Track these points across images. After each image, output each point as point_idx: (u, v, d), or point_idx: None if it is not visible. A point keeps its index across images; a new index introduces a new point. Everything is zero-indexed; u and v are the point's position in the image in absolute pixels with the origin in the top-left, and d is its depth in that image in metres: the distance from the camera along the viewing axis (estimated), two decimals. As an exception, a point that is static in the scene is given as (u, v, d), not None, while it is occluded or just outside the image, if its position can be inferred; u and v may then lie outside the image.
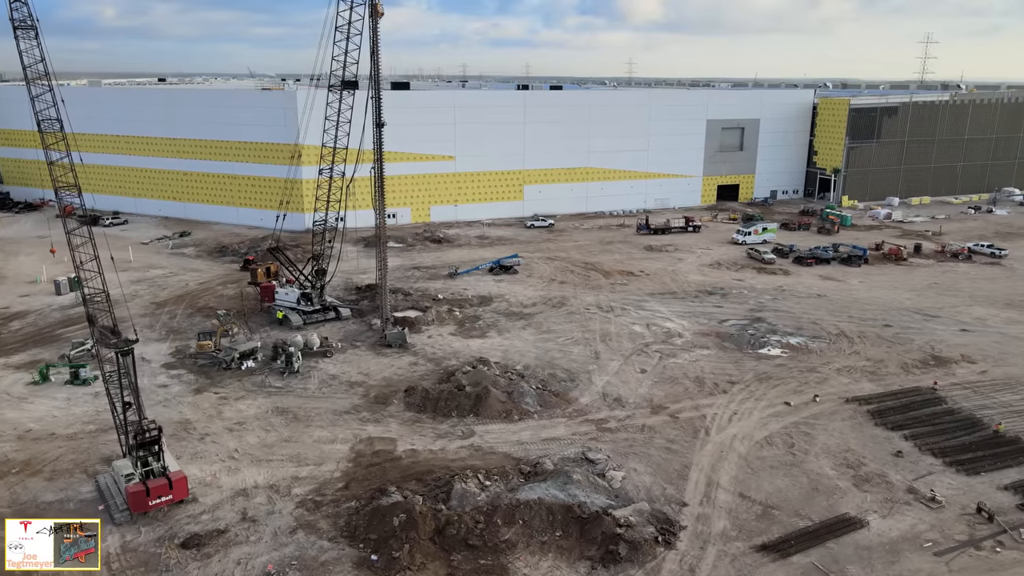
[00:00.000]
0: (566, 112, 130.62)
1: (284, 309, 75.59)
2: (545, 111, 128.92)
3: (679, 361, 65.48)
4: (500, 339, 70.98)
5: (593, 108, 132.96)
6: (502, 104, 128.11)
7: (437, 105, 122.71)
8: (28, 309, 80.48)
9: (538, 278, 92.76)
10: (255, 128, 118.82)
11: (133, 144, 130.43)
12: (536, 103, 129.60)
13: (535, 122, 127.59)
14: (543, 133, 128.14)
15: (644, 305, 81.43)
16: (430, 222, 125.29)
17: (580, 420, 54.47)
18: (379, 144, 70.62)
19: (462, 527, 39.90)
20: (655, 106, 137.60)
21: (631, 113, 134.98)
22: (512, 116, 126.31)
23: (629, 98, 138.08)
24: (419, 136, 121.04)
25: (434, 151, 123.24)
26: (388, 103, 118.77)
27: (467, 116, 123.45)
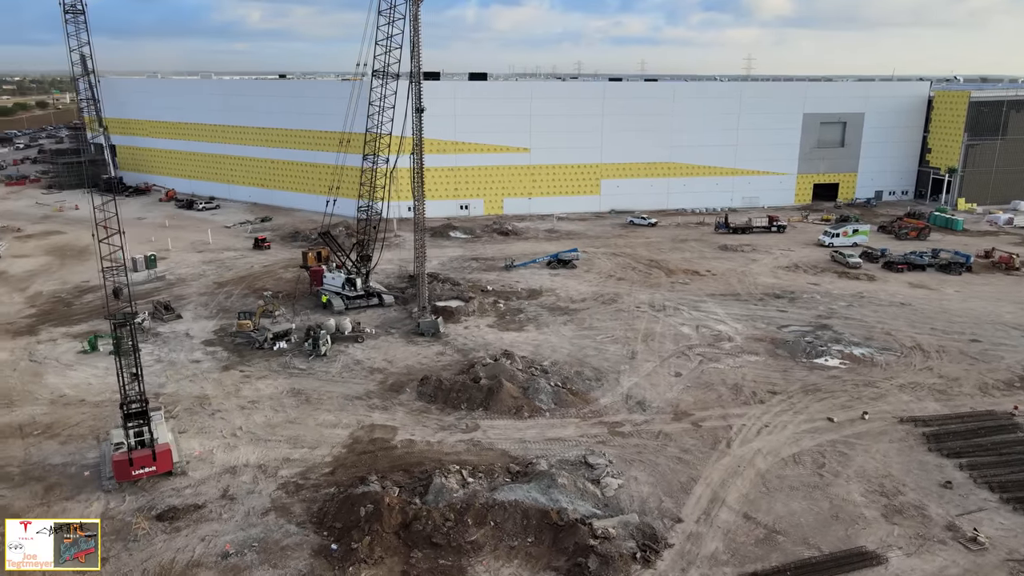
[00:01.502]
0: (648, 104, 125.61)
1: (329, 293, 76.29)
2: (625, 103, 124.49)
3: (720, 366, 60.73)
4: (536, 333, 68.51)
5: (677, 100, 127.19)
6: (580, 96, 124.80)
7: (513, 96, 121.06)
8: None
9: (596, 273, 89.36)
10: (333, 117, 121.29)
11: (228, 133, 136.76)
12: (616, 95, 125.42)
13: (614, 114, 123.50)
14: (623, 126, 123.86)
15: (700, 306, 76.51)
16: (503, 214, 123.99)
17: (593, 422, 51.30)
18: (419, 130, 69.40)
19: (429, 523, 38.05)
20: (746, 99, 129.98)
21: (719, 106, 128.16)
22: (590, 108, 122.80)
23: (717, 90, 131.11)
24: (494, 127, 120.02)
25: (509, 143, 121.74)
26: (464, 94, 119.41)
27: (544, 108, 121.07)
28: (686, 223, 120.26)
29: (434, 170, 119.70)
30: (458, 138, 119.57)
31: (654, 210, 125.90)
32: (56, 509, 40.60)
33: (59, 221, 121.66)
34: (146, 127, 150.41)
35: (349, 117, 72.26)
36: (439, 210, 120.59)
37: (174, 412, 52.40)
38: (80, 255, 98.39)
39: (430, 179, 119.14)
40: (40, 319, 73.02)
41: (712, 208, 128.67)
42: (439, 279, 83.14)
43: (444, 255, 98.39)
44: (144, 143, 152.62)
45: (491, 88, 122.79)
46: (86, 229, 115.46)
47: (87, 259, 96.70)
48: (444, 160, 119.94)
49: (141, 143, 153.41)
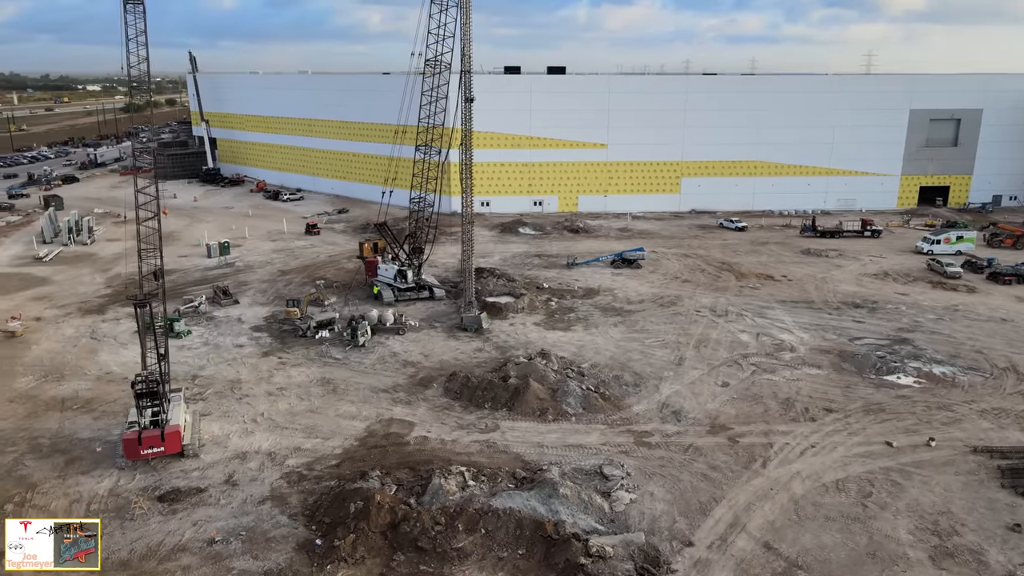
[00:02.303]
0: (734, 99, 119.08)
1: (381, 285, 76.07)
2: (710, 98, 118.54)
3: (775, 378, 55.86)
4: (583, 334, 65.56)
5: (766, 95, 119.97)
6: (661, 90, 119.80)
7: (591, 91, 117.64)
8: (178, 268, 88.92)
9: (661, 274, 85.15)
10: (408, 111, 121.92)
11: (314, 127, 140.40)
12: (700, 89, 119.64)
13: (698, 110, 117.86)
14: (706, 121, 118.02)
15: (766, 312, 71.16)
16: (577, 211, 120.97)
17: (621, 429, 48.05)
18: (468, 120, 67.73)
19: (417, 526, 36.27)
20: (844, 93, 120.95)
21: (813, 101, 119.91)
22: (672, 103, 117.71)
23: (812, 84, 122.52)
24: (570, 122, 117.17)
25: (585, 138, 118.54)
26: (541, 88, 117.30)
27: (622, 102, 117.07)
28: (771, 225, 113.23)
29: (508, 165, 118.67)
30: (533, 133, 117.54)
31: (739, 211, 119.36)
32: (70, 482, 41.60)
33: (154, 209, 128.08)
34: (242, 121, 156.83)
35: (403, 109, 71.39)
36: (512, 206, 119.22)
37: (204, 395, 53.12)
38: (164, 241, 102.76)
39: (504, 174, 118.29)
40: (111, 299, 76.53)
41: (802, 210, 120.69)
42: (495, 274, 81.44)
43: (508, 251, 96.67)
44: (240, 136, 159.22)
45: (568, 82, 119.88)
46: (176, 216, 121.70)
47: (170, 244, 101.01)
48: (518, 155, 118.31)
49: (238, 136, 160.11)
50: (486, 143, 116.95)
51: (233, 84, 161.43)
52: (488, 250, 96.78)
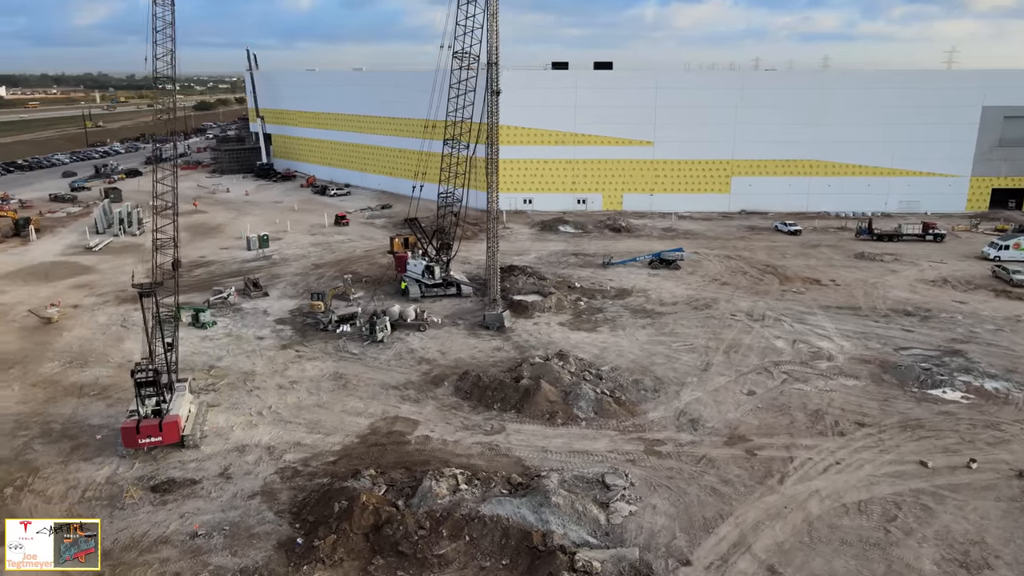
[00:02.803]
0: (789, 96, 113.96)
1: (409, 281, 75.30)
2: (763, 94, 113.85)
3: (806, 388, 52.44)
4: (608, 335, 63.22)
5: (824, 92, 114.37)
6: (711, 86, 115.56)
7: (638, 86, 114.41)
8: (217, 259, 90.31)
9: (700, 276, 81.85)
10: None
11: (362, 123, 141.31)
12: (753, 85, 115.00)
13: (750, 107, 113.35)
14: (759, 119, 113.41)
15: (806, 318, 67.30)
16: (622, 210, 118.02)
17: (632, 436, 45.72)
18: (495, 114, 66.15)
19: (400, 529, 34.93)
20: (910, 90, 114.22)
21: (875, 98, 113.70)
22: (723, 99, 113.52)
23: (873, 80, 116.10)
24: (616, 119, 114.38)
25: (631, 135, 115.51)
26: (585, 83, 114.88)
27: (670, 98, 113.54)
28: (825, 227, 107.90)
29: (551, 162, 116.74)
30: (577, 130, 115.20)
31: (792, 212, 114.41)
32: (71, 468, 41.91)
33: (208, 202, 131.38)
34: (296, 117, 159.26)
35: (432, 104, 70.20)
36: (554, 203, 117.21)
37: (217, 386, 53.14)
38: (209, 233, 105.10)
39: (547, 171, 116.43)
40: (148, 289, 77.80)
41: (860, 212, 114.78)
42: (525, 272, 79.70)
43: (545, 249, 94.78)
44: (294, 132, 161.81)
45: (615, 77, 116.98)
46: (225, 209, 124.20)
47: (214, 236, 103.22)
48: (562, 152, 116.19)
49: (291, 132, 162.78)
50: (529, 140, 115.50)
51: (288, 81, 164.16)
52: (524, 248, 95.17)
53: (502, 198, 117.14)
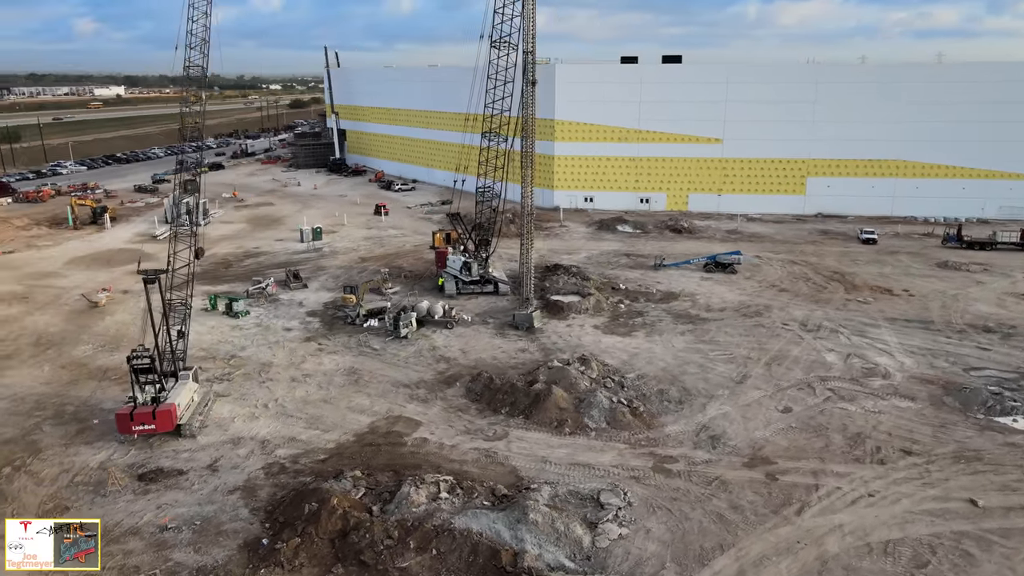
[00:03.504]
0: (876, 90, 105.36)
1: (447, 276, 73.63)
2: (843, 88, 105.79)
3: (851, 408, 47.29)
4: (642, 340, 59.48)
5: (915, 85, 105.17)
6: (786, 80, 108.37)
7: (707, 80, 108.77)
8: (270, 251, 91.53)
9: (757, 281, 76.48)
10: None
11: (431, 119, 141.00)
12: (831, 79, 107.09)
13: (829, 102, 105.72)
14: (838, 115, 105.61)
15: (868, 331, 61.34)
16: (687, 211, 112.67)
17: (642, 451, 42.19)
18: (531, 105, 63.49)
19: (367, 537, 32.96)
20: (1014, 83, 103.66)
21: (972, 92, 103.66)
22: (798, 94, 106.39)
23: (972, 73, 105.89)
24: (683, 115, 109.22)
25: (699, 132, 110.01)
26: (651, 78, 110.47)
27: (741, 93, 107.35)
28: (909, 233, 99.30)
29: (614, 159, 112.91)
30: (642, 126, 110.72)
31: (875, 216, 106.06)
32: (71, 451, 42.20)
33: (278, 195, 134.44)
34: (368, 113, 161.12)
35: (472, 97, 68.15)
36: (616, 202, 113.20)
37: (232, 376, 52.89)
38: (271, 224, 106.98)
39: (609, 169, 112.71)
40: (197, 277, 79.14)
41: (953, 218, 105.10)
42: (570, 272, 76.58)
43: (598, 248, 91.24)
44: (366, 128, 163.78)
45: (683, 71, 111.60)
46: (291, 202, 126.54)
47: (274, 228, 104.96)
48: (625, 149, 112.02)
49: (364, 128, 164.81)
50: (590, 136, 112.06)
51: (362, 78, 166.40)
52: (576, 247, 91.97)
53: (562, 196, 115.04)
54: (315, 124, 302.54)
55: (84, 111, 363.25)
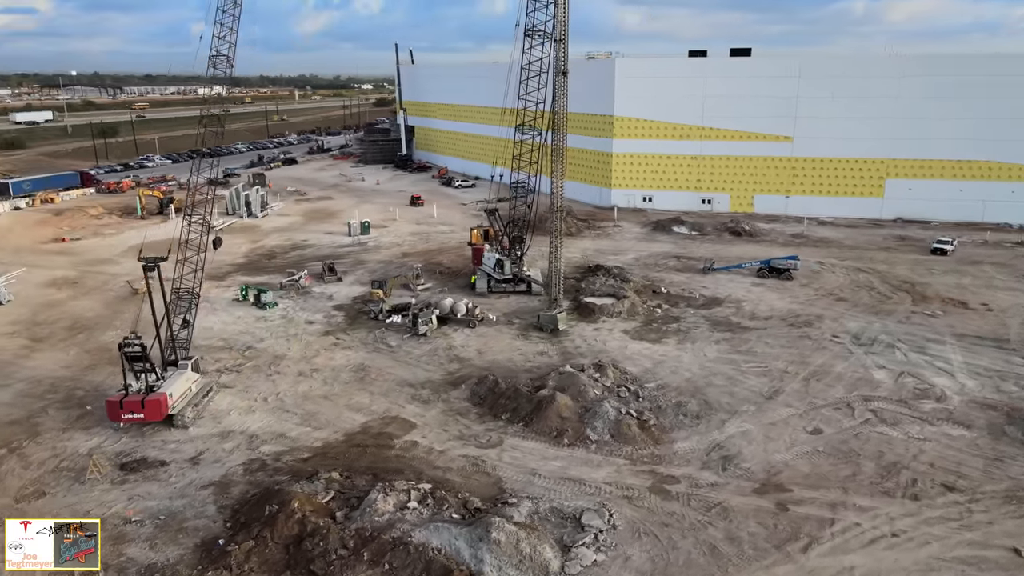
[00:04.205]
0: (963, 85, 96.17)
1: (480, 274, 71.52)
2: (936, 82, 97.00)
3: (892, 433, 42.20)
4: (672, 348, 55.56)
5: (1011, 79, 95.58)
6: (865, 74, 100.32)
7: (777, 74, 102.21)
8: (317, 244, 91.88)
9: (814, 289, 70.75)
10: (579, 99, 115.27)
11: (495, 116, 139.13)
12: (918, 71, 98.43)
13: (913, 97, 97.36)
14: (923, 112, 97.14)
15: (929, 347, 55.27)
16: (752, 213, 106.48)
17: (643, 469, 38.73)
18: (563, 96, 60.44)
19: (321, 545, 31.12)
20: None
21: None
22: (879, 88, 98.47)
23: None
24: (750, 111, 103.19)
25: (768, 129, 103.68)
26: (717, 72, 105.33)
27: (815, 88, 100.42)
28: (1000, 241, 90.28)
29: (674, 158, 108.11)
30: (705, 123, 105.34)
31: (962, 222, 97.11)
32: (65, 436, 42.40)
33: (340, 189, 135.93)
34: (435, 110, 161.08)
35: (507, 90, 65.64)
36: (676, 202, 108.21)
37: (242, 367, 52.42)
38: (325, 218, 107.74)
39: (669, 167, 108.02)
40: (239, 268, 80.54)
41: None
42: (611, 273, 72.99)
43: (648, 250, 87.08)
44: (432, 124, 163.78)
45: (751, 65, 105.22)
46: (351, 197, 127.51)
47: (327, 221, 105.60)
48: (686, 147, 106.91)
49: (431, 124, 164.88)
50: (649, 133, 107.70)
51: (429, 74, 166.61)
52: (625, 248, 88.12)
53: (619, 195, 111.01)
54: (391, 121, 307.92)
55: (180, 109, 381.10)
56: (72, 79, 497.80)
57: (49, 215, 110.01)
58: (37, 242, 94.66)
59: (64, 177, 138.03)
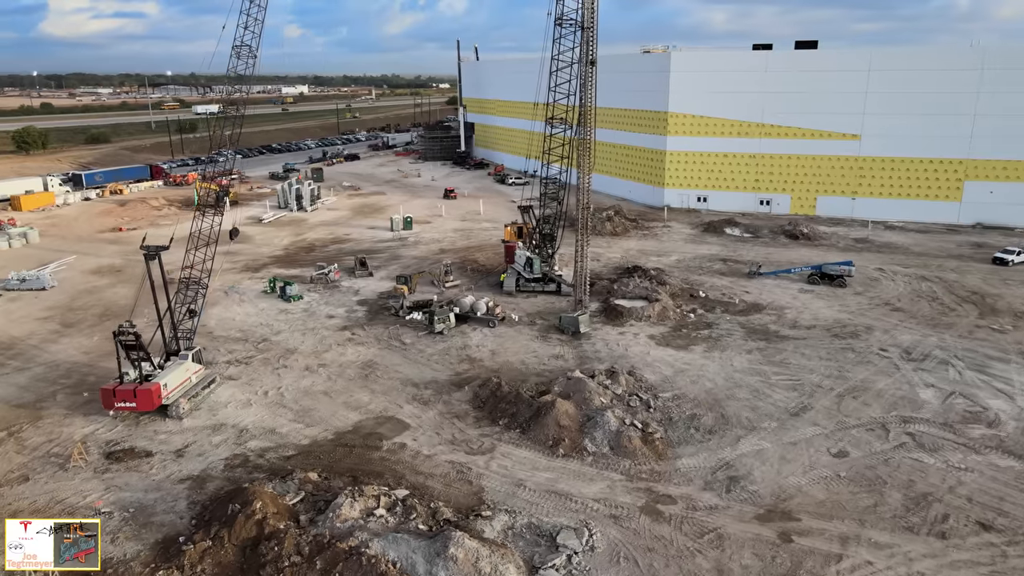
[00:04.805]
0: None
1: (510, 272, 69.37)
2: (1016, 76, 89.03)
3: (929, 461, 37.77)
4: (698, 355, 51.99)
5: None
6: (942, 67, 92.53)
7: (845, 68, 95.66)
8: (358, 238, 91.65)
9: (868, 297, 65.44)
10: (632, 95, 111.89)
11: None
12: (1001, 64, 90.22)
13: (996, 92, 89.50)
14: (1008, 108, 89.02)
15: (989, 366, 49.81)
16: (814, 215, 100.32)
17: (638, 486, 35.77)
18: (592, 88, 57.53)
19: (274, 550, 29.66)
20: None
21: None
22: (957, 83, 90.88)
23: None
24: (815, 107, 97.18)
25: (833, 127, 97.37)
26: (780, 66, 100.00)
27: (886, 83, 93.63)
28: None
29: (732, 156, 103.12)
30: (765, 119, 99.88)
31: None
32: (65, 422, 42.70)
33: (395, 185, 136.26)
34: (494, 106, 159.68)
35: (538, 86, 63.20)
36: (733, 203, 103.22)
37: (251, 360, 51.95)
38: (372, 213, 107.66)
39: (726, 166, 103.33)
40: (276, 260, 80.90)
41: None
42: (648, 275, 69.43)
43: (694, 252, 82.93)
44: (491, 121, 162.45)
45: (817, 58, 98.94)
46: (403, 192, 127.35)
47: (373, 216, 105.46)
48: (744, 145, 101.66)
49: (490, 121, 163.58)
50: (704, 130, 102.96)
51: (489, 70, 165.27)
52: (670, 249, 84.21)
53: (672, 194, 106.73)
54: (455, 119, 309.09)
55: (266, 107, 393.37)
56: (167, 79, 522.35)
57: (114, 205, 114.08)
58: (96, 231, 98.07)
59: (134, 170, 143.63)
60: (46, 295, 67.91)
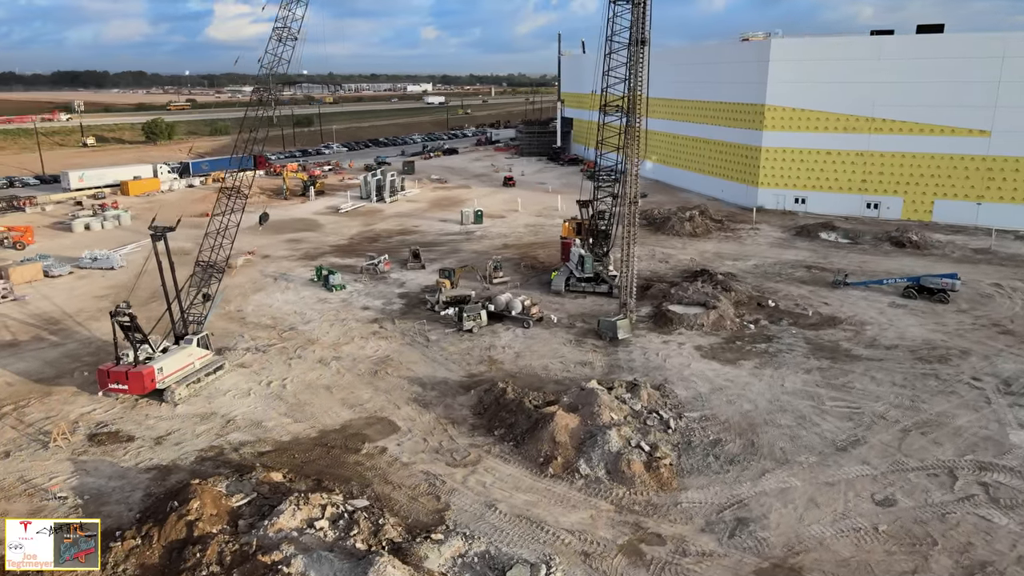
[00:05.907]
0: None
1: (563, 270, 65.10)
2: None
3: (1001, 520, 30.52)
4: (744, 371, 45.82)
5: None
6: (1095, 51, 79.33)
7: (974, 55, 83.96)
8: (426, 231, 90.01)
9: (973, 316, 56.23)
10: (727, 87, 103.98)
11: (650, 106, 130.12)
12: None
13: None
14: None
15: (1110, 405, 40.69)
16: (930, 221, 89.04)
17: (626, 519, 30.88)
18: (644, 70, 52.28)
19: (197, 556, 27.32)
20: None
21: None
22: (1113, 70, 77.65)
23: None
24: (934, 99, 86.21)
25: (957, 122, 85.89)
26: (894, 54, 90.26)
27: (1022, 71, 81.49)
28: None
29: (835, 154, 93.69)
30: (876, 114, 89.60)
31: None
32: (70, 399, 42.65)
33: (483, 179, 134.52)
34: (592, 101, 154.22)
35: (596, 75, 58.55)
36: (835, 205, 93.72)
37: (268, 348, 50.65)
38: (449, 206, 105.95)
39: (828, 165, 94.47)
40: (337, 249, 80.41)
41: None
42: (714, 280, 63.09)
43: (777, 257, 75.20)
44: (587, 116, 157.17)
45: (939, 44, 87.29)
46: (488, 187, 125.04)
47: (451, 209, 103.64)
48: (851, 141, 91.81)
49: (585, 116, 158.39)
50: (804, 125, 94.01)
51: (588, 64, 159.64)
52: (751, 253, 76.85)
53: (767, 194, 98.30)
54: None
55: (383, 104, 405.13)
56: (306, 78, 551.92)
57: (212, 192, 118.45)
58: (186, 215, 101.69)
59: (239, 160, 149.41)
60: (112, 274, 70.23)
